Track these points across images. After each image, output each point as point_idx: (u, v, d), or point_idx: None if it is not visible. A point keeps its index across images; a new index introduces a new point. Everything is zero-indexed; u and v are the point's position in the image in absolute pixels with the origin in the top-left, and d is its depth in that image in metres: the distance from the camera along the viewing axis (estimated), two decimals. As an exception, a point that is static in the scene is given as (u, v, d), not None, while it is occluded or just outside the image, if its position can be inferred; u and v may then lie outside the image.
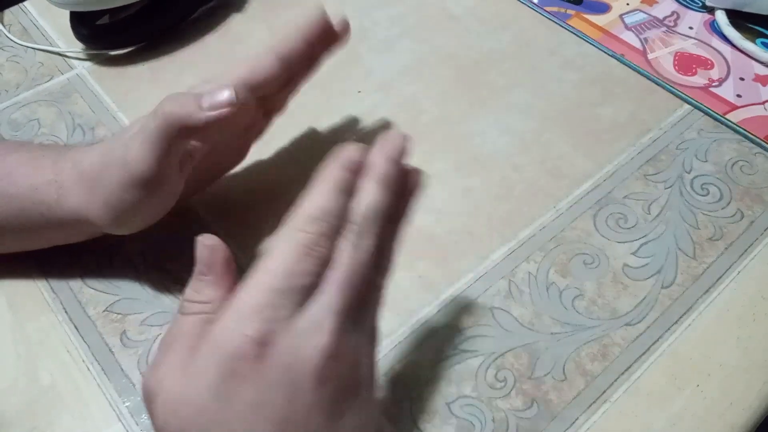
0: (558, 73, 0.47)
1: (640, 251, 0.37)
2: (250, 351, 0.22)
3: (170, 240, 0.37)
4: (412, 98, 0.45)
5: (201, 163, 0.34)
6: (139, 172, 0.30)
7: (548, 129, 0.43)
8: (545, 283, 0.36)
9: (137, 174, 0.30)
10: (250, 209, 0.39)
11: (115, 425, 0.31)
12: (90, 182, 0.31)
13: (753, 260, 0.37)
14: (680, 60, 0.47)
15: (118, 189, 0.30)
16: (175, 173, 0.32)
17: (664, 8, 0.51)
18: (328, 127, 0.43)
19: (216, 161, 0.36)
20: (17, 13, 0.52)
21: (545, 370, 0.33)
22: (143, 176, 0.30)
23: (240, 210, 0.39)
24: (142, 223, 0.33)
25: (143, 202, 0.31)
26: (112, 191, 0.30)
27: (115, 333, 0.34)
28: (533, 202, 0.39)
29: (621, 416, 0.31)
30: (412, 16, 0.51)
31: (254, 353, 0.22)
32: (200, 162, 0.34)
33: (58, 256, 0.36)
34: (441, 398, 0.32)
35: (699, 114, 0.44)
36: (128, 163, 0.30)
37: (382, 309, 0.26)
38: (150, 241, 0.37)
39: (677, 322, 0.34)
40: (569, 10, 0.51)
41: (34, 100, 0.45)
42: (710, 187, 0.40)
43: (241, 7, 0.52)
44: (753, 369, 0.33)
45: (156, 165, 0.30)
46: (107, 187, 0.31)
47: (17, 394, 0.32)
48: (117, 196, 0.30)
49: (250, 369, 0.22)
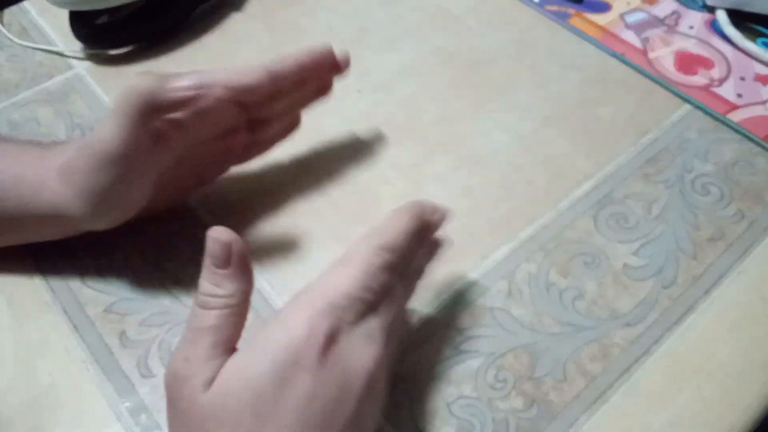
0: (558, 73, 0.47)
1: (641, 251, 0.37)
2: (319, 343, 0.24)
3: (169, 240, 0.37)
4: (412, 98, 0.45)
5: (180, 166, 0.34)
6: (106, 147, 0.29)
7: (548, 129, 0.43)
8: (545, 283, 0.36)
9: (105, 150, 0.29)
10: (249, 209, 0.39)
11: (114, 425, 0.31)
12: (65, 174, 0.31)
13: (753, 260, 0.36)
14: (681, 59, 0.47)
15: (89, 172, 0.30)
16: (146, 152, 0.31)
17: (665, 7, 0.51)
18: (328, 127, 0.43)
19: (195, 164, 0.36)
20: (16, 13, 0.52)
21: (545, 371, 0.33)
22: (110, 152, 0.29)
23: (239, 210, 0.39)
24: (120, 213, 0.33)
25: (115, 184, 0.30)
26: (84, 177, 0.30)
27: (115, 333, 0.34)
28: (533, 202, 0.39)
29: (621, 416, 0.31)
30: (412, 16, 0.51)
31: (322, 347, 0.24)
32: (179, 163, 0.34)
33: (58, 256, 0.36)
34: (441, 398, 0.32)
35: (699, 114, 0.44)
36: (97, 143, 0.30)
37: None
38: (149, 242, 0.37)
39: (677, 322, 0.34)
40: (570, 10, 0.51)
41: (33, 100, 0.45)
42: (711, 187, 0.40)
43: (240, 6, 0.52)
44: (753, 369, 0.33)
45: (123, 139, 0.29)
46: (80, 174, 0.30)
47: (17, 393, 0.32)
48: (89, 180, 0.30)
49: (313, 360, 0.23)
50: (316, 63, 0.35)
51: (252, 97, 0.34)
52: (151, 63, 0.48)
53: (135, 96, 0.29)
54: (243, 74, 0.33)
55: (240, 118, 0.35)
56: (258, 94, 0.34)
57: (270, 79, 0.33)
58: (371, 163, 0.41)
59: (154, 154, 0.32)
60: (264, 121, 0.37)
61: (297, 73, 0.34)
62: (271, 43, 0.49)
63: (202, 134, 0.34)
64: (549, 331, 0.34)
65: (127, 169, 0.30)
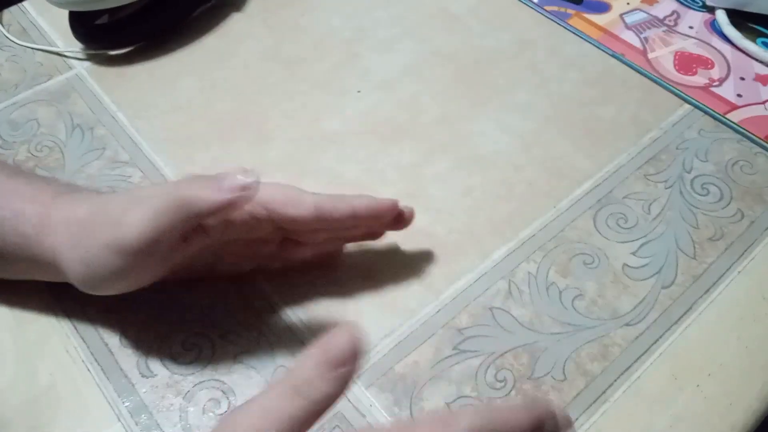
0: (558, 73, 0.47)
1: (640, 251, 0.37)
2: None
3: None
4: (412, 98, 0.45)
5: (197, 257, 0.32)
6: (129, 239, 0.27)
7: (548, 129, 0.43)
8: (545, 283, 0.36)
9: (127, 241, 0.27)
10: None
11: (114, 425, 0.31)
12: (75, 231, 0.29)
13: (753, 260, 0.36)
14: (680, 59, 0.47)
15: (101, 250, 0.28)
16: (165, 253, 0.29)
17: (665, 7, 0.51)
18: (328, 127, 0.43)
19: (213, 259, 0.34)
20: (16, 13, 0.52)
21: (545, 370, 0.32)
22: (132, 246, 0.27)
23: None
24: (113, 291, 0.30)
25: (122, 272, 0.28)
26: (94, 250, 0.28)
27: (115, 333, 0.34)
28: (533, 202, 0.39)
29: (621, 416, 0.31)
30: (412, 16, 0.51)
31: None
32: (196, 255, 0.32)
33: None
34: (441, 398, 0.32)
35: (699, 114, 0.44)
36: (121, 227, 0.27)
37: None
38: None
39: (677, 322, 0.34)
40: (569, 10, 0.51)
41: (33, 100, 0.45)
42: (710, 187, 0.40)
43: (240, 6, 0.52)
44: (753, 369, 0.33)
45: (148, 237, 0.27)
46: (91, 244, 0.28)
47: (16, 393, 0.32)
48: (98, 256, 0.28)
49: None
50: (374, 216, 0.32)
51: (291, 225, 0.31)
52: (151, 63, 0.48)
53: (177, 201, 0.27)
54: (289, 203, 0.30)
55: (274, 235, 0.33)
56: (299, 224, 0.31)
57: (316, 218, 0.31)
58: (371, 163, 0.41)
59: (173, 251, 0.30)
60: (298, 243, 0.34)
61: (348, 220, 0.32)
62: (271, 43, 0.49)
63: (226, 238, 0.32)
64: (549, 331, 0.34)
65: (143, 261, 0.28)
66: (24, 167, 0.41)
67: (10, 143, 0.42)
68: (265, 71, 0.47)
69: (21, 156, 0.42)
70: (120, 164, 0.41)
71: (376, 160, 0.41)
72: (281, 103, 0.45)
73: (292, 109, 0.45)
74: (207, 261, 0.33)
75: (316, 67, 0.47)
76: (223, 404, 0.31)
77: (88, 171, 0.41)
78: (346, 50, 0.49)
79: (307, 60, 0.48)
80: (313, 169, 0.41)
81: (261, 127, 0.43)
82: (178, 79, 0.46)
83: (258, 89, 0.46)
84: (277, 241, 0.34)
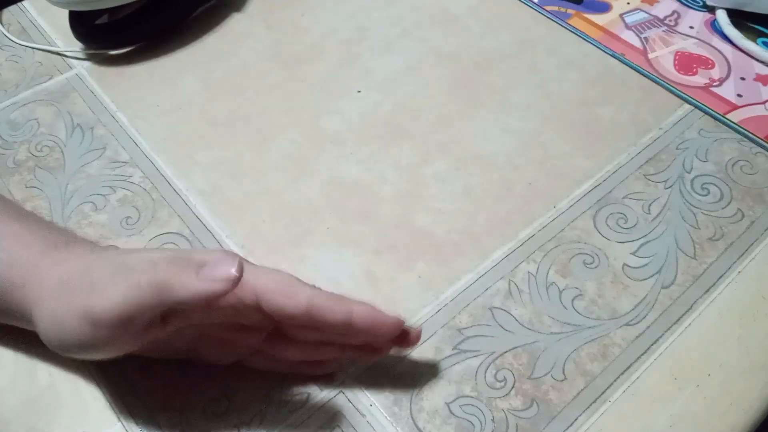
0: (558, 73, 0.47)
1: (640, 251, 0.37)
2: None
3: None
4: (411, 98, 0.45)
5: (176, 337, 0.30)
6: (100, 311, 0.25)
7: (548, 129, 0.43)
8: (545, 283, 0.36)
9: (99, 313, 0.26)
10: (249, 208, 0.39)
11: (114, 425, 0.31)
12: (54, 290, 0.27)
13: (753, 260, 0.36)
14: (681, 59, 0.47)
15: (74, 315, 0.26)
16: (140, 330, 0.27)
17: (665, 7, 0.51)
18: (328, 127, 0.43)
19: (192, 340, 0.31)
20: (16, 13, 0.52)
21: (545, 370, 0.32)
22: (103, 319, 0.26)
23: (239, 210, 0.39)
24: (84, 357, 0.29)
25: (92, 341, 0.26)
26: (68, 315, 0.26)
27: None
28: (533, 202, 0.39)
29: (621, 416, 0.31)
30: (412, 16, 0.51)
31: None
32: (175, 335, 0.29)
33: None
34: (441, 398, 0.32)
35: (699, 114, 0.44)
36: (97, 296, 0.26)
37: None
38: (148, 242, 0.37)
39: (677, 322, 0.34)
40: (569, 10, 0.51)
41: (33, 100, 0.45)
42: (711, 187, 0.40)
43: (240, 6, 0.52)
44: (753, 369, 0.33)
45: (124, 315, 0.25)
46: (65, 309, 0.27)
47: (16, 393, 0.32)
48: (70, 322, 0.26)
49: None
50: (373, 330, 0.29)
51: (280, 317, 0.28)
52: (151, 63, 0.48)
53: (157, 284, 0.25)
54: (280, 292, 0.28)
55: (261, 324, 0.30)
56: (287, 318, 0.28)
57: (307, 316, 0.28)
58: (371, 163, 0.41)
59: (149, 329, 0.27)
60: (287, 340, 0.31)
61: (343, 327, 0.28)
62: (271, 43, 0.49)
63: (209, 321, 0.30)
64: (548, 331, 0.34)
65: (114, 335, 0.26)
66: (24, 167, 0.41)
67: (10, 143, 0.43)
68: (265, 71, 0.47)
69: (21, 156, 0.42)
70: (120, 164, 0.41)
71: (376, 160, 0.41)
72: (281, 103, 0.45)
73: (292, 109, 0.45)
74: (188, 340, 0.31)
75: (316, 67, 0.47)
76: (223, 404, 0.31)
77: (88, 171, 0.41)
78: (346, 50, 0.49)
79: (307, 60, 0.48)
80: (313, 169, 0.41)
81: (261, 127, 0.43)
82: (178, 79, 0.46)
83: (258, 89, 0.46)
84: (264, 334, 0.31)
